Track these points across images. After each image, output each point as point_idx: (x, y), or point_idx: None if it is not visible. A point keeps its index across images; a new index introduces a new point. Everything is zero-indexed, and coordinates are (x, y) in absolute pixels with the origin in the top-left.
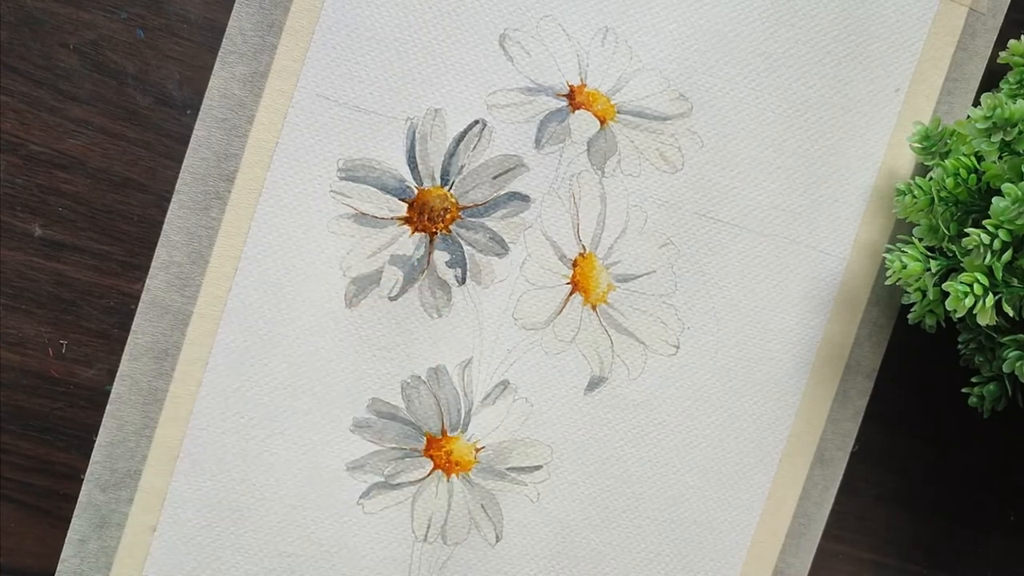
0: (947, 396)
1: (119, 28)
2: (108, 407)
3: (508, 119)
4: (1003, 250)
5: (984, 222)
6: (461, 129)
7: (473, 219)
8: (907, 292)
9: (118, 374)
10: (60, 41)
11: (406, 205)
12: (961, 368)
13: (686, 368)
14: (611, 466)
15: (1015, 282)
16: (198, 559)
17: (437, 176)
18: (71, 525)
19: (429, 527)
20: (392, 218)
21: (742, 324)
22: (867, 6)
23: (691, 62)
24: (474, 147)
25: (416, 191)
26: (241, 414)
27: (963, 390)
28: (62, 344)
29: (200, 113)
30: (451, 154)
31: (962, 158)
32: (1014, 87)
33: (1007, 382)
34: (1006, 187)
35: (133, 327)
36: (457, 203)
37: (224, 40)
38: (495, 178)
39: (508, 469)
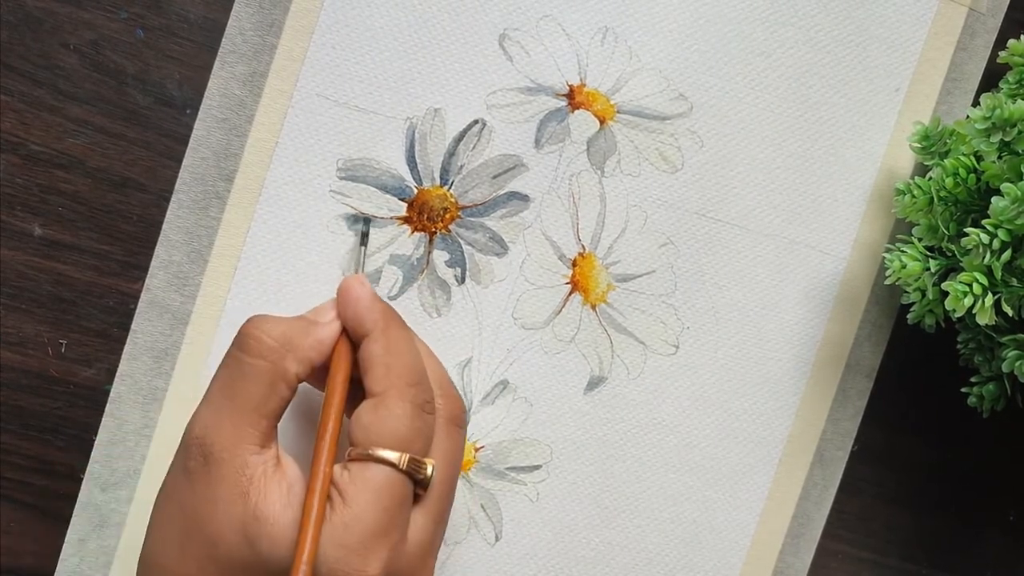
0: (947, 396)
1: (119, 28)
2: (108, 407)
3: (507, 119)
4: (1002, 250)
5: (983, 222)
6: (461, 129)
7: (472, 219)
8: (907, 292)
9: (118, 374)
10: (60, 41)
11: (405, 205)
12: (961, 368)
13: (686, 368)
14: (611, 466)
15: (1014, 282)
16: None
17: (436, 176)
18: (71, 525)
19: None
20: (391, 218)
21: (742, 324)
22: (867, 6)
23: (691, 62)
24: (474, 147)
25: (415, 191)
26: None
27: (963, 390)
28: (62, 344)
29: (200, 113)
30: (451, 154)
31: (961, 158)
32: (1014, 87)
33: (1007, 382)
34: (1005, 187)
35: (132, 327)
36: (456, 203)
37: (224, 40)
38: (495, 178)
39: (507, 469)
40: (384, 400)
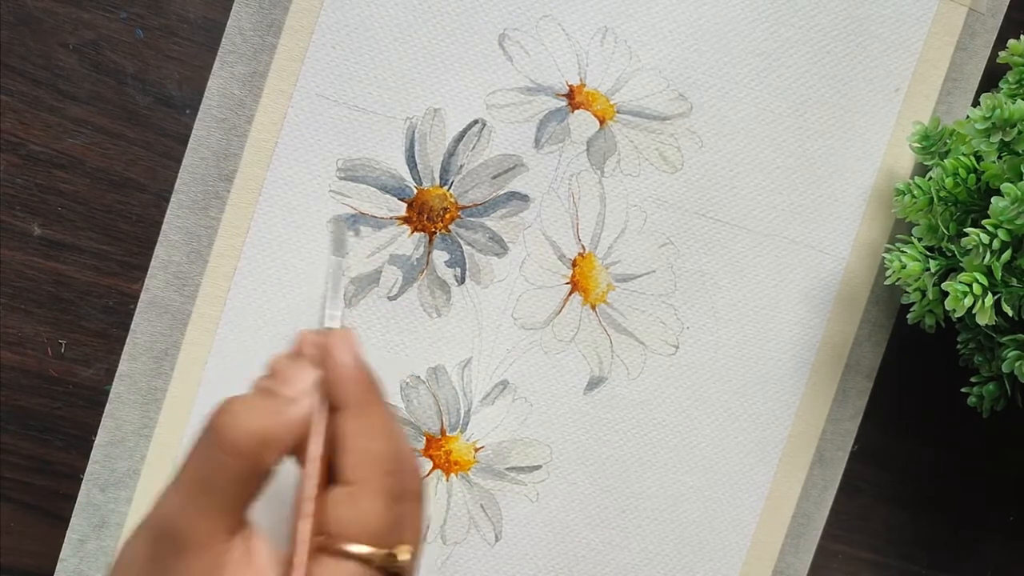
0: (947, 396)
1: (119, 28)
2: (107, 407)
3: (507, 119)
4: (1002, 250)
5: (983, 222)
6: (460, 129)
7: (472, 219)
8: (907, 292)
9: (117, 374)
10: (60, 41)
11: (405, 205)
12: (961, 368)
13: (685, 368)
14: (610, 466)
15: (1014, 282)
16: None
17: (436, 176)
18: (70, 525)
19: (428, 527)
20: (391, 218)
21: (742, 324)
22: (867, 6)
23: (691, 62)
24: (473, 147)
25: (415, 191)
26: None
27: (963, 390)
28: (61, 344)
29: (199, 113)
30: (450, 154)
31: (961, 158)
32: (1013, 87)
33: (1006, 382)
34: (1005, 187)
35: (132, 327)
36: (456, 203)
37: (223, 40)
38: (494, 178)
39: (507, 469)
40: (360, 493)
